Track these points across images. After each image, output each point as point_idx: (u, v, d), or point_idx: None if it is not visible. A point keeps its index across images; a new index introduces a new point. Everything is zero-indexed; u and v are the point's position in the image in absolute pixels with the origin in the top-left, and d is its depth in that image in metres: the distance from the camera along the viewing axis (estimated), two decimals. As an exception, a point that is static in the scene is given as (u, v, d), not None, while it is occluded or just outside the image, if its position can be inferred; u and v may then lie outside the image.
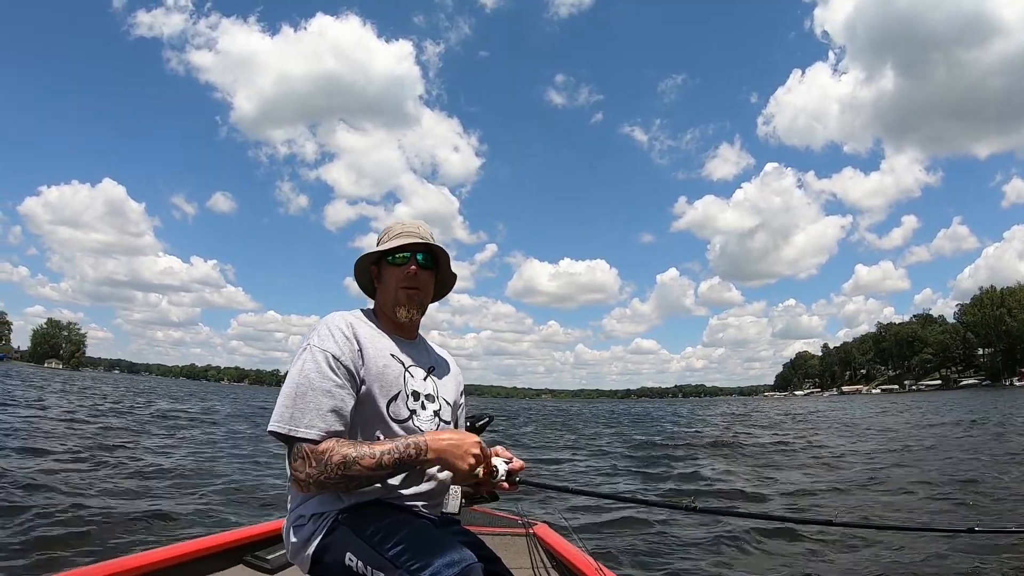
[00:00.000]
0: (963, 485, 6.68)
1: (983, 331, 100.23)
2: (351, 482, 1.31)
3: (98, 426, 11.69)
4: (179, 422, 14.69)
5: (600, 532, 4.97)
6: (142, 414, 16.17)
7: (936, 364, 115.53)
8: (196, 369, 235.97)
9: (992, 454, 9.52)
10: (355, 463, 1.28)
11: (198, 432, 12.50)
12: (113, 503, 5.06)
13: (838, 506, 6.03)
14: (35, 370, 76.99)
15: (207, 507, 5.28)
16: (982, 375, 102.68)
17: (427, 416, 1.51)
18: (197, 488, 6.08)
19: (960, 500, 5.94)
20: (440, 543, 1.27)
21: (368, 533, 1.31)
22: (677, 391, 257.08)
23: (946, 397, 53.14)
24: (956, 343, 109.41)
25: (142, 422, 13.56)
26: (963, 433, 13.84)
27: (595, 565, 2.16)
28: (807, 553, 4.28)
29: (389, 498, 1.42)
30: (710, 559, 4.26)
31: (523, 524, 2.73)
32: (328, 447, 1.30)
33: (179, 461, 7.76)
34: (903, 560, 3.95)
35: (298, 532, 1.38)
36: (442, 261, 1.62)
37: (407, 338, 1.59)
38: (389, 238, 1.57)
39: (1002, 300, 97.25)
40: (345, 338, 1.41)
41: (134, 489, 5.77)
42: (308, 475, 1.30)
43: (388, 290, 1.55)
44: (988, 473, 7.45)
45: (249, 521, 4.07)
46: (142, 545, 3.86)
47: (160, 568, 1.97)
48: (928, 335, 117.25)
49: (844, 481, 7.51)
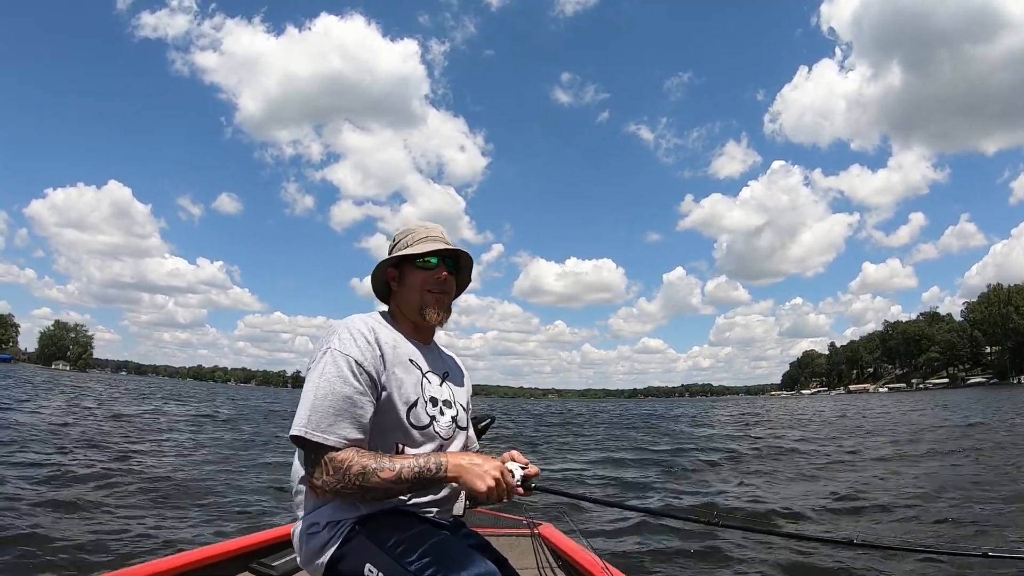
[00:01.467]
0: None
1: (990, 329, 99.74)
2: (368, 493, 1.30)
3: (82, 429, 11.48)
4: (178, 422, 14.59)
5: (605, 533, 4.89)
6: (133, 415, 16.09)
7: (943, 363, 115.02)
8: (203, 370, 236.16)
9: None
10: (374, 475, 1.27)
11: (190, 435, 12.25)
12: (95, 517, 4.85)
13: (872, 524, 5.62)
14: (41, 371, 77.12)
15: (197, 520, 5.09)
16: (989, 373, 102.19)
17: (445, 422, 1.50)
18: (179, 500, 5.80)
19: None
20: (463, 557, 1.26)
21: (390, 544, 1.29)
22: (684, 390, 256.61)
23: (967, 395, 51.25)
24: (963, 341, 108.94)
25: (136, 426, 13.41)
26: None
27: (601, 564, 2.12)
28: (819, 571, 4.16)
29: (403, 504, 1.40)
30: (711, 565, 4.21)
31: (528, 525, 2.72)
32: (348, 457, 1.28)
33: (166, 469, 7.55)
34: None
35: (312, 539, 1.35)
36: (464, 265, 1.63)
37: (424, 342, 1.58)
38: (414, 240, 1.55)
39: (1009, 298, 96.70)
40: (367, 343, 1.38)
41: (132, 501, 5.60)
42: (325, 483, 1.29)
43: (413, 293, 1.54)
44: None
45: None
46: (148, 555, 3.80)
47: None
48: (935, 333, 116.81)
49: (884, 492, 6.97)
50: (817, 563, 4.25)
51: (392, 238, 1.62)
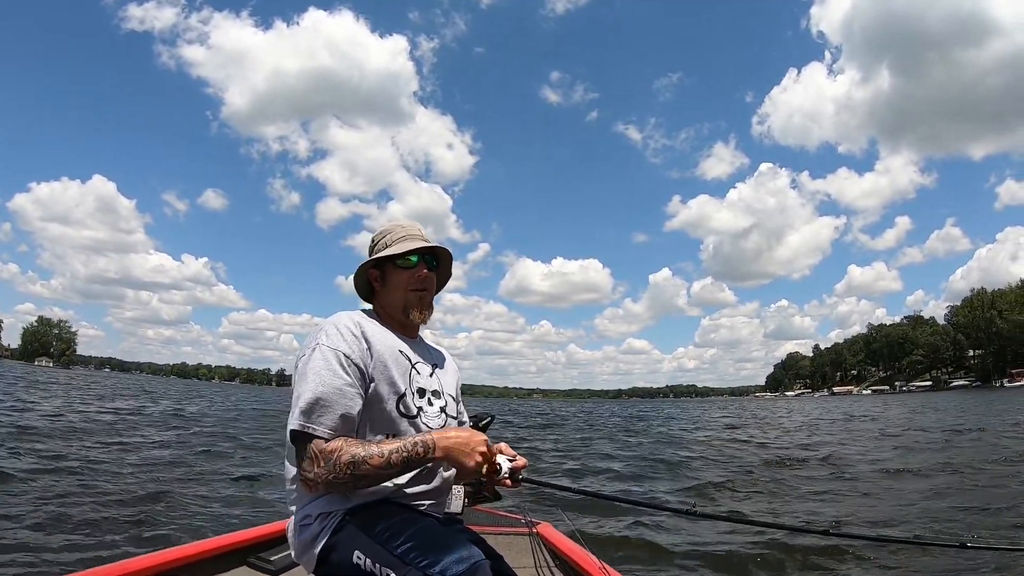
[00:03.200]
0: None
1: (974, 333, 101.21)
2: (359, 481, 1.32)
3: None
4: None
5: (603, 533, 4.92)
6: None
7: (927, 365, 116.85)
8: (187, 368, 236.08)
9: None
10: (364, 462, 1.29)
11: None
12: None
13: (853, 515, 5.77)
14: (21, 367, 75.25)
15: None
16: (972, 376, 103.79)
17: (434, 412, 1.53)
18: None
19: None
20: (448, 540, 1.29)
21: (376, 532, 1.31)
22: (668, 391, 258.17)
23: (953, 397, 52.02)
24: (946, 344, 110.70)
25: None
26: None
27: (599, 564, 2.13)
28: (801, 562, 4.32)
29: (396, 497, 1.42)
30: (711, 562, 4.26)
31: (526, 524, 2.75)
32: (337, 447, 1.30)
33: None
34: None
35: (304, 531, 1.38)
36: (444, 261, 1.66)
37: (410, 336, 1.61)
38: (393, 240, 1.59)
39: (993, 302, 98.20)
40: (354, 336, 1.42)
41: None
42: (317, 475, 1.30)
43: (396, 292, 1.57)
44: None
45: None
46: (145, 548, 3.69)
47: (164, 571, 1.96)
48: (919, 336, 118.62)
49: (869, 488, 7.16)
50: (800, 557, 4.35)
51: (372, 238, 1.65)
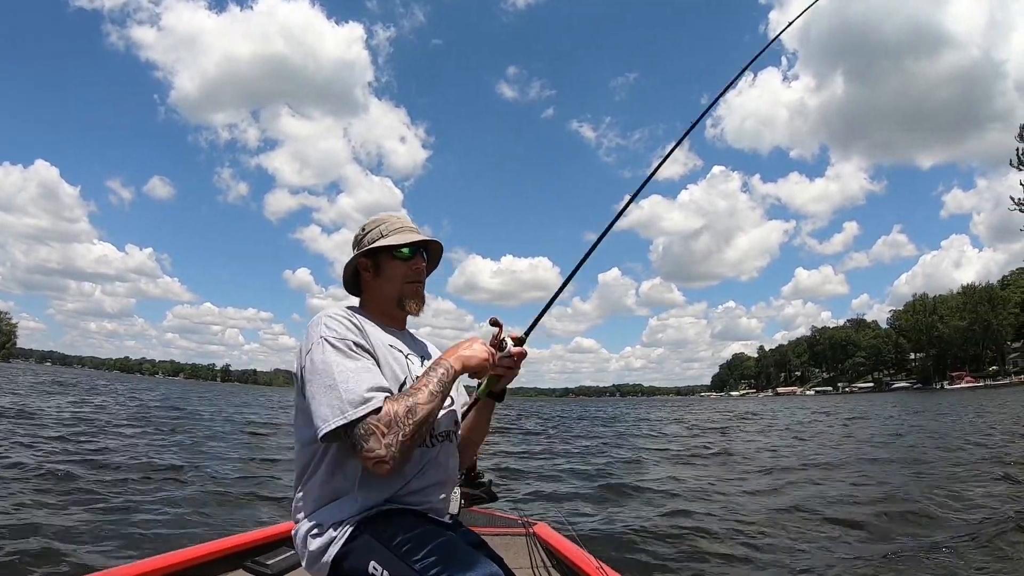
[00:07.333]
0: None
1: (915, 336, 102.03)
2: (421, 428, 1.28)
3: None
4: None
5: (600, 532, 4.84)
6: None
7: (869, 367, 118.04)
8: (130, 362, 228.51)
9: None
10: (417, 407, 1.27)
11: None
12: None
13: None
14: None
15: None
16: (913, 379, 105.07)
17: None
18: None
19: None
20: (468, 557, 1.26)
21: (395, 543, 1.28)
22: (615, 390, 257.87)
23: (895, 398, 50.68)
24: (888, 347, 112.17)
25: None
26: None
27: (596, 563, 2.14)
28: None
29: (406, 495, 1.37)
30: (709, 563, 4.17)
31: (523, 524, 2.73)
32: (390, 408, 1.27)
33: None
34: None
35: (315, 540, 1.33)
36: (433, 255, 1.66)
37: (398, 328, 1.59)
38: (389, 231, 1.55)
39: (935, 307, 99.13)
40: (353, 325, 1.40)
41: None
42: (389, 445, 1.24)
43: (392, 284, 1.55)
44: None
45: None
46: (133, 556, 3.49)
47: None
48: (861, 339, 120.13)
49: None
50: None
51: (361, 228, 1.60)
